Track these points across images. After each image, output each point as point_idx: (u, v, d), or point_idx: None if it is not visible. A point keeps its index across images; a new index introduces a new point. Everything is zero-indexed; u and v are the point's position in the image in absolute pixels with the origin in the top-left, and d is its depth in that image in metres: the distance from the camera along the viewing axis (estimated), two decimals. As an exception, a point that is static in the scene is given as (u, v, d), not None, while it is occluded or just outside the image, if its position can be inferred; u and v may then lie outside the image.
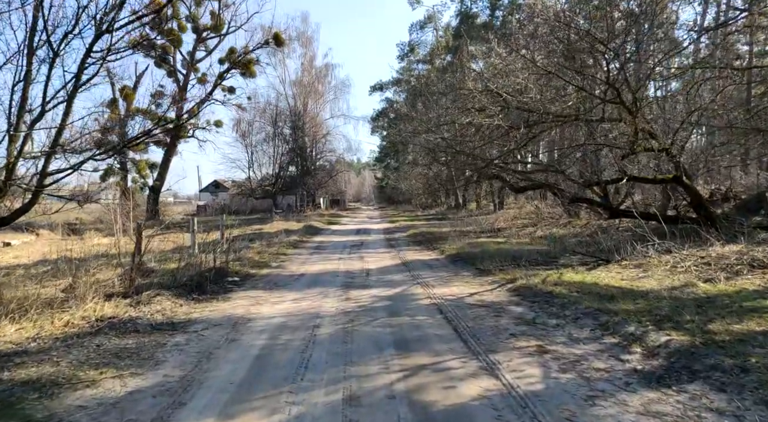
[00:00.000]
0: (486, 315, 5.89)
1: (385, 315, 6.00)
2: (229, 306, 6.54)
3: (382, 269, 10.44)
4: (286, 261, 11.81)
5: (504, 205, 32.92)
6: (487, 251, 11.99)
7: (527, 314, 5.94)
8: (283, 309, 6.38)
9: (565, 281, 7.79)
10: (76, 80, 5.75)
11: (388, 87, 48.88)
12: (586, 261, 10.08)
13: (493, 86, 8.16)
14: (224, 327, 5.44)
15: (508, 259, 10.72)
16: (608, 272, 8.82)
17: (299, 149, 45.00)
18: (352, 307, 6.49)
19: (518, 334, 5.06)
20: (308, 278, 9.15)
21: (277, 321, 5.73)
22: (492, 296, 7.12)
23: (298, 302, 6.89)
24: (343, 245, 16.20)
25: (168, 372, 3.99)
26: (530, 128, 9.25)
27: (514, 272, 9.00)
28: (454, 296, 7.16)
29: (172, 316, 5.86)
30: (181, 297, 6.83)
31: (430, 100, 17.60)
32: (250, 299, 7.09)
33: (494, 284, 8.08)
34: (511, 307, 6.34)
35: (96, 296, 6.20)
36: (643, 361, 4.20)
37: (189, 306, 6.48)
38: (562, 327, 5.30)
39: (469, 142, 13.70)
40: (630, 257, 9.94)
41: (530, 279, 8.12)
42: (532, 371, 3.98)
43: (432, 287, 7.93)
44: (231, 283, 8.36)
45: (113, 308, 5.79)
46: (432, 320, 5.73)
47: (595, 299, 6.47)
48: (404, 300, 6.92)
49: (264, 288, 8.04)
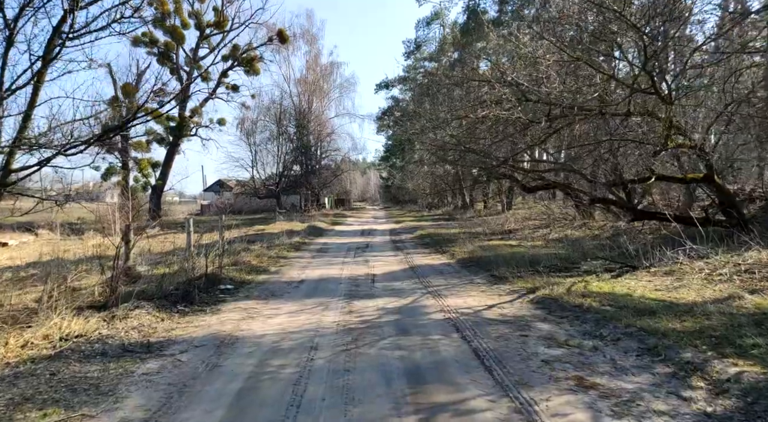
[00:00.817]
0: (509, 334, 5.11)
1: (393, 333, 5.23)
2: (216, 321, 5.78)
3: (388, 274, 9.68)
4: (285, 266, 11.07)
5: (512, 205, 32.08)
6: (501, 255, 11.20)
7: (557, 332, 5.15)
8: (278, 325, 5.62)
9: (594, 292, 6.99)
10: (43, 63, 5.04)
11: (394, 85, 48.03)
12: (610, 267, 9.27)
13: (512, 75, 7.36)
14: (207, 348, 4.69)
15: (525, 264, 9.93)
16: (638, 281, 8.02)
17: (304, 148, 44.31)
18: (356, 322, 5.73)
19: (551, 360, 4.28)
20: (308, 286, 8.40)
21: (269, 341, 4.97)
22: (513, 309, 6.33)
23: (295, 315, 6.14)
24: (347, 247, 15.44)
25: (127, 414, 3.24)
26: (551, 123, 8.44)
27: (533, 280, 8.21)
28: (470, 308, 6.37)
29: (149, 334, 5.12)
30: (164, 310, 6.10)
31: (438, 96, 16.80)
32: (242, 311, 6.34)
33: (513, 294, 7.29)
34: (536, 323, 5.55)
35: (67, 309, 5.48)
36: (712, 400, 3.41)
37: (172, 321, 5.74)
38: (602, 351, 4.51)
39: (481, 139, 12.91)
40: (659, 263, 9.15)
41: (553, 289, 7.33)
42: (579, 416, 3.20)
43: (444, 297, 7.15)
44: (224, 292, 7.62)
45: (83, 324, 5.05)
46: (448, 340, 4.96)
47: (633, 314, 5.68)
48: (414, 314, 6.15)
49: (259, 298, 7.29)
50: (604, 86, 7.70)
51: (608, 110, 8.43)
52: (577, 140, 11.96)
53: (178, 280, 7.47)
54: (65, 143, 5.00)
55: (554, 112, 8.36)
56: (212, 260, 9.41)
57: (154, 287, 7.04)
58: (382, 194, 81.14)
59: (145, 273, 9.37)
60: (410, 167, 46.37)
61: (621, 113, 8.89)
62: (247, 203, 44.32)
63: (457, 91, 11.25)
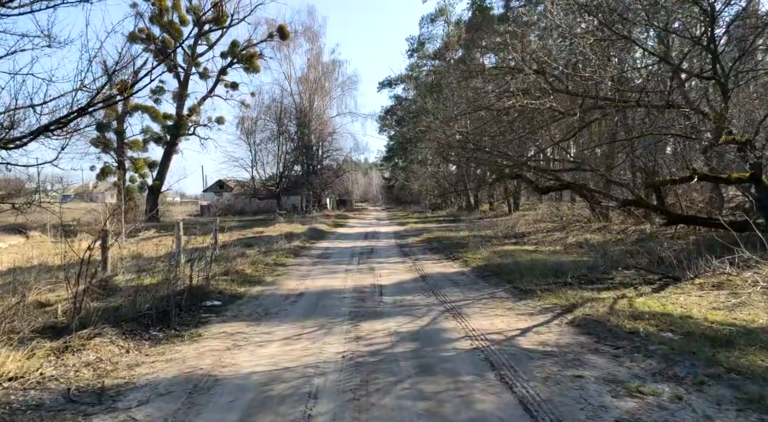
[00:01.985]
0: (560, 374, 4.05)
1: (412, 371, 4.17)
2: (194, 352, 4.73)
3: (397, 285, 8.63)
4: (283, 275, 10.02)
5: (519, 207, 30.98)
6: (520, 262, 10.14)
7: (619, 372, 4.09)
8: (269, 357, 4.57)
9: (643, 312, 5.93)
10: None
11: (398, 83, 46.97)
12: (649, 279, 8.22)
13: (544, 58, 6.30)
14: (175, 396, 3.64)
15: (549, 274, 8.89)
16: (687, 296, 6.97)
17: (305, 148, 43.28)
18: (365, 354, 4.68)
19: (627, 420, 3.22)
20: (307, 301, 7.35)
21: (257, 382, 3.92)
22: (552, 335, 5.26)
23: (291, 343, 5.09)
24: (350, 252, 14.39)
25: None
26: (584, 115, 7.39)
27: (565, 294, 7.16)
28: (500, 333, 5.32)
29: (106, 373, 4.07)
30: (132, 336, 5.05)
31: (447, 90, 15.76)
32: (227, 337, 5.28)
33: (547, 314, 6.23)
34: (588, 357, 4.49)
35: (10, 336, 4.45)
36: None
37: (140, 352, 4.69)
38: (689, 404, 3.44)
39: (495, 136, 11.86)
40: (703, 273, 8.11)
41: (593, 307, 6.28)
42: None
43: (467, 317, 6.09)
44: (209, 309, 6.57)
45: (22, 361, 4.01)
46: (483, 383, 3.90)
47: (705, 343, 4.63)
48: (434, 342, 5.09)
49: (250, 318, 6.23)
50: (648, 72, 6.63)
51: (648, 101, 7.38)
52: (604, 137, 10.91)
53: (156, 295, 6.42)
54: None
55: (588, 102, 7.31)
56: (201, 269, 8.39)
57: (128, 305, 5.99)
58: (384, 194, 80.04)
59: (125, 285, 8.34)
60: (413, 167, 45.36)
61: (660, 105, 7.84)
62: (248, 203, 43.32)
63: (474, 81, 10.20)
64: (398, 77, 46.10)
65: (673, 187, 11.61)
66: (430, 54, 44.46)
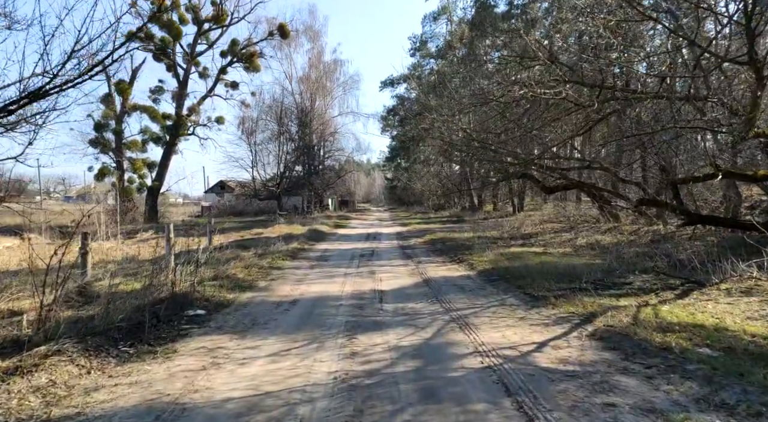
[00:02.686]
0: (586, 400, 3.45)
1: (415, 398, 3.58)
2: (164, 373, 4.13)
3: (399, 291, 8.04)
4: (278, 279, 9.44)
5: (523, 207, 30.34)
6: (530, 266, 9.54)
7: (656, 398, 3.48)
8: (250, 379, 3.98)
9: (671, 322, 5.32)
10: None
11: (400, 82, 46.36)
12: (670, 284, 7.62)
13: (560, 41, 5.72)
14: (132, 431, 3.07)
15: (561, 278, 8.29)
16: (716, 304, 6.36)
17: (306, 148, 42.72)
18: (360, 374, 4.08)
19: (678, 465, 2.63)
20: (301, 309, 6.76)
21: (231, 413, 3.33)
22: (573, 350, 4.66)
23: (278, 360, 4.50)
24: (350, 254, 13.80)
25: None
26: (601, 106, 6.79)
27: (581, 301, 6.56)
28: (514, 349, 4.72)
29: (57, 400, 3.49)
30: (98, 353, 4.46)
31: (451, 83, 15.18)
32: (206, 354, 4.69)
33: (563, 324, 5.63)
34: (618, 378, 3.89)
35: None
36: None
37: (102, 373, 4.11)
38: (749, 443, 2.85)
39: (500, 132, 11.26)
40: (729, 278, 7.50)
41: (614, 316, 5.68)
42: None
43: (475, 328, 5.49)
44: (191, 319, 5.99)
45: (-40, 387, 3.44)
46: (497, 413, 3.30)
47: (751, 362, 4.02)
48: (440, 359, 4.50)
49: (234, 330, 5.64)
50: (672, 57, 6.02)
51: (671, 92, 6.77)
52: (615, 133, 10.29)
53: (134, 304, 5.85)
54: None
55: (605, 93, 6.70)
56: (188, 274, 7.81)
57: (101, 315, 5.42)
58: (387, 195, 79.45)
59: (107, 291, 7.77)
60: (416, 167, 44.77)
61: (682, 97, 7.23)
62: (249, 204, 42.76)
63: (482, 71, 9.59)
64: (400, 76, 45.49)
65: (688, 186, 10.98)
66: (432, 53, 43.88)
